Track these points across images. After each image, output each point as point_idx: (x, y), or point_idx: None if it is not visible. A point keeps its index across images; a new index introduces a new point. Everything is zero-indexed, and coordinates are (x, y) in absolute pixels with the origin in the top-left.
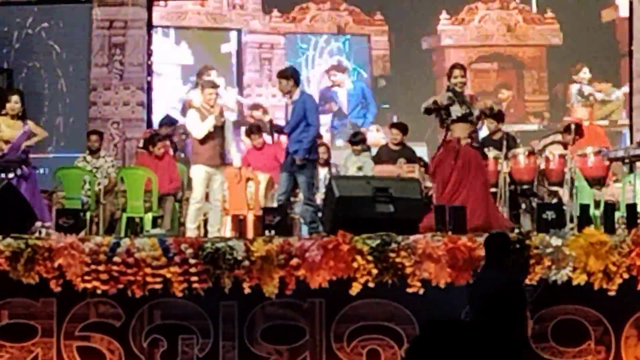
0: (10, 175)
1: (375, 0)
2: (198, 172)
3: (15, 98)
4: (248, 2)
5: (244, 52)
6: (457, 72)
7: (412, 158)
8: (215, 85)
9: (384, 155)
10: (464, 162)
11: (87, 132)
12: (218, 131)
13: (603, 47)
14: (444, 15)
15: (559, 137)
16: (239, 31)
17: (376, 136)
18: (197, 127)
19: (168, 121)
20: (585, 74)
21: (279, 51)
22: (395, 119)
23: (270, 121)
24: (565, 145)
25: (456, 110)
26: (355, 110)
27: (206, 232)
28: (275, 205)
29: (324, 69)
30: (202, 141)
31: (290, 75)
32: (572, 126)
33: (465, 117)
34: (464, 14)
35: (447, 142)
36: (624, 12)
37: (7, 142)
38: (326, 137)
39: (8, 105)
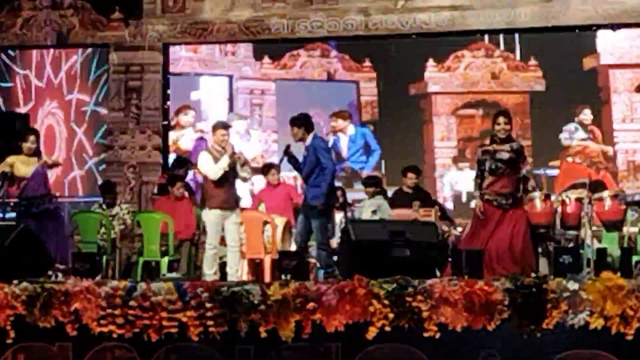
0: (34, 209)
1: (364, 48)
2: (212, 218)
3: (32, 138)
4: (240, 48)
5: (235, 97)
6: (501, 119)
7: (427, 201)
8: (226, 126)
9: (398, 199)
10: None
11: (100, 188)
12: (231, 172)
13: (585, 94)
14: (430, 62)
15: (584, 192)
16: (231, 77)
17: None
18: (212, 168)
19: (181, 161)
20: (586, 115)
21: (270, 97)
22: (383, 164)
23: (287, 147)
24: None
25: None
26: (356, 155)
27: (224, 274)
28: (292, 248)
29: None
30: (217, 183)
31: (302, 123)
32: (587, 182)
33: (494, 171)
34: (450, 62)
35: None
36: (605, 59)
37: (22, 179)
38: None
39: (25, 145)
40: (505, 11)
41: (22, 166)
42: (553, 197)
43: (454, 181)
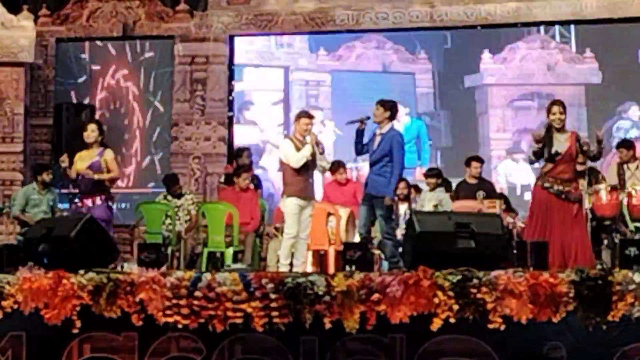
0: (86, 203)
1: (420, 40)
2: (291, 206)
3: (92, 127)
4: (295, 40)
5: (291, 89)
6: (555, 108)
7: (491, 191)
8: (310, 116)
9: (462, 191)
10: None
11: (164, 180)
12: (311, 162)
13: None
14: (486, 54)
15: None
16: (287, 68)
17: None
18: (294, 156)
19: (242, 149)
20: (634, 111)
21: (325, 88)
22: (438, 156)
23: (367, 118)
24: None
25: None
26: (407, 145)
27: (291, 265)
28: (356, 239)
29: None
30: (297, 172)
31: (389, 107)
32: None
33: (552, 157)
34: (506, 53)
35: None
36: None
37: (79, 174)
38: None
39: (84, 134)
40: (572, 2)
41: (80, 161)
42: None
43: (508, 173)
